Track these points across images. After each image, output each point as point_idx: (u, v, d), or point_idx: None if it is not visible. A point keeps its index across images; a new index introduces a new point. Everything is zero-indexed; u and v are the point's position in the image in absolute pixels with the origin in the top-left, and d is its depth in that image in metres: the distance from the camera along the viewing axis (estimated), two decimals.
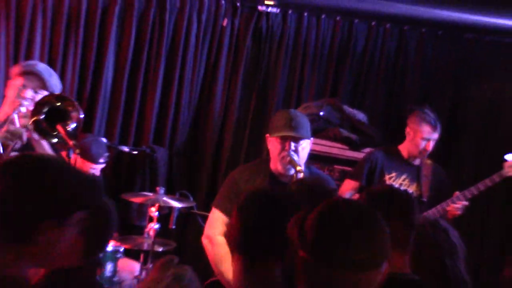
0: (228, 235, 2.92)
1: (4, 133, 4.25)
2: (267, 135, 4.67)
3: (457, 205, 5.28)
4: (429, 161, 5.56)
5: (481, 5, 5.56)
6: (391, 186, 4.68)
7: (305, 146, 4.54)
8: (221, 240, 4.17)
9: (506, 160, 5.39)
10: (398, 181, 5.42)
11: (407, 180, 5.43)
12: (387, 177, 5.42)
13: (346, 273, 2.15)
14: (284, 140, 4.47)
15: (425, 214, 5.28)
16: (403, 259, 2.87)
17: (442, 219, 3.58)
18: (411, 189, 5.43)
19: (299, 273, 2.29)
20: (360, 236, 2.17)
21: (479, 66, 7.13)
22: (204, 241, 4.41)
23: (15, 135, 4.27)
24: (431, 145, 5.39)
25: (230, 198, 4.46)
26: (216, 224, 4.42)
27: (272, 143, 4.58)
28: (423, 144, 5.37)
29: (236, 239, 2.68)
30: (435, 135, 5.41)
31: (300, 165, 4.42)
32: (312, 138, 4.70)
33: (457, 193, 5.33)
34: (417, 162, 5.51)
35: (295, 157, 4.44)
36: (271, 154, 4.63)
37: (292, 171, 4.43)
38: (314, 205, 2.66)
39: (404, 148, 5.52)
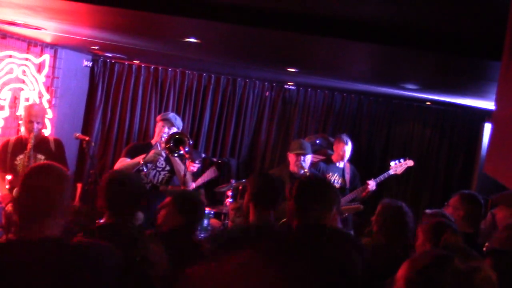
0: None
1: (154, 153, 4.41)
2: (288, 152, 5.01)
3: (370, 187, 5.25)
4: (348, 164, 5.50)
5: (401, 86, 5.27)
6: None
7: (309, 158, 4.92)
8: None
9: (390, 165, 5.54)
10: (333, 177, 5.36)
11: (337, 176, 5.37)
12: (327, 176, 5.31)
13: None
14: (298, 155, 4.86)
15: (349, 194, 5.26)
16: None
17: (404, 204, 3.41)
18: (340, 181, 5.37)
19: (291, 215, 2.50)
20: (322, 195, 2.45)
21: (400, 117, 7.38)
22: None
23: (158, 154, 4.42)
24: (347, 154, 5.40)
25: None
26: None
27: (291, 157, 4.94)
28: (342, 154, 5.38)
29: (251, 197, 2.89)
30: (348, 148, 5.38)
31: (306, 168, 4.83)
32: (312, 154, 5.05)
33: (372, 179, 5.31)
34: (341, 165, 5.42)
35: (304, 164, 4.83)
36: (290, 162, 4.96)
37: (302, 171, 4.79)
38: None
39: (334, 158, 5.46)
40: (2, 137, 4.83)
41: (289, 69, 5.13)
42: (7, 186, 4.35)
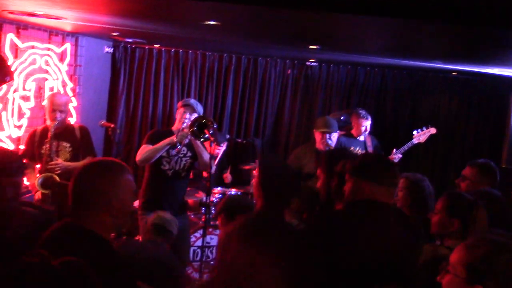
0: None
1: (180, 136, 4.38)
2: (314, 130, 4.96)
3: (395, 156, 5.38)
4: (369, 136, 5.54)
5: (425, 57, 5.36)
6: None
7: (334, 135, 4.89)
8: None
9: (413, 134, 5.60)
10: (355, 151, 5.07)
11: (360, 150, 5.30)
12: None
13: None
14: (323, 133, 4.84)
15: None
16: None
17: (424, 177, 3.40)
18: None
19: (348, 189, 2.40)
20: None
21: (425, 89, 7.37)
22: None
23: (184, 136, 4.38)
24: (367, 128, 5.48)
25: (295, 161, 4.80)
26: None
27: (317, 135, 4.91)
28: (363, 128, 5.47)
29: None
30: (367, 122, 5.46)
31: (332, 146, 4.79)
32: (338, 131, 5.01)
33: (394, 149, 5.43)
34: (362, 138, 5.49)
35: (329, 142, 4.82)
36: (316, 140, 4.94)
37: (328, 149, 4.71)
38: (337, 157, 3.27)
39: (354, 132, 5.51)
40: (29, 127, 4.89)
41: (311, 47, 5.04)
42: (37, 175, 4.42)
